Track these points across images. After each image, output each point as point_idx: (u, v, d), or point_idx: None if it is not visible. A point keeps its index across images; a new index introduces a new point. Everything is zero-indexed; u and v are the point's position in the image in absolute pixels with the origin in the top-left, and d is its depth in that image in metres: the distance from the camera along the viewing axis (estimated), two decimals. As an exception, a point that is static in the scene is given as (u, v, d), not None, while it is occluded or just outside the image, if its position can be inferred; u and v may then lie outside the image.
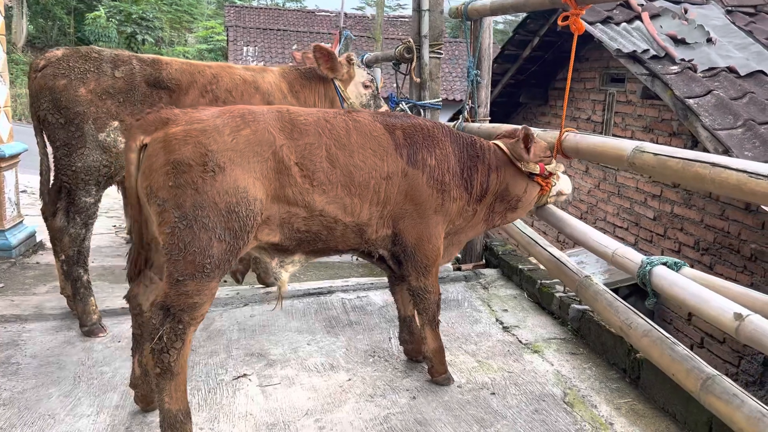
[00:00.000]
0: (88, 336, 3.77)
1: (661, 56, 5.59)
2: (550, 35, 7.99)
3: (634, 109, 6.89)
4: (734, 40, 6.02)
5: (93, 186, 3.71)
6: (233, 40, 27.25)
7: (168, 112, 2.49)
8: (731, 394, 2.19)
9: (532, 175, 3.16)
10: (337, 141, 2.72)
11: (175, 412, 2.45)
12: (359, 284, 4.77)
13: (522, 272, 4.70)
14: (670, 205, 6.20)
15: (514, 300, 4.51)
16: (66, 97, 3.55)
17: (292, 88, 4.50)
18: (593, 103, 7.97)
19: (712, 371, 2.36)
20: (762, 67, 5.46)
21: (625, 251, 2.87)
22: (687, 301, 2.31)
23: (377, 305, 4.38)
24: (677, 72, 5.27)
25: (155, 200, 2.38)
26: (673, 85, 5.08)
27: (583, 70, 8.30)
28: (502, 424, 2.89)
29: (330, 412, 2.94)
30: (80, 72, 3.59)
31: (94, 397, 3.07)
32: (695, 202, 5.83)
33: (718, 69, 5.37)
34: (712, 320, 2.18)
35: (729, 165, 2.09)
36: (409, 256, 2.99)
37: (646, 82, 5.50)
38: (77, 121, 3.58)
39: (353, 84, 4.63)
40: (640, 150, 2.63)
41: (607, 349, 3.51)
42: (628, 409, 3.03)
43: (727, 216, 5.41)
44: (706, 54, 5.64)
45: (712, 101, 4.85)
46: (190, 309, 2.41)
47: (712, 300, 2.20)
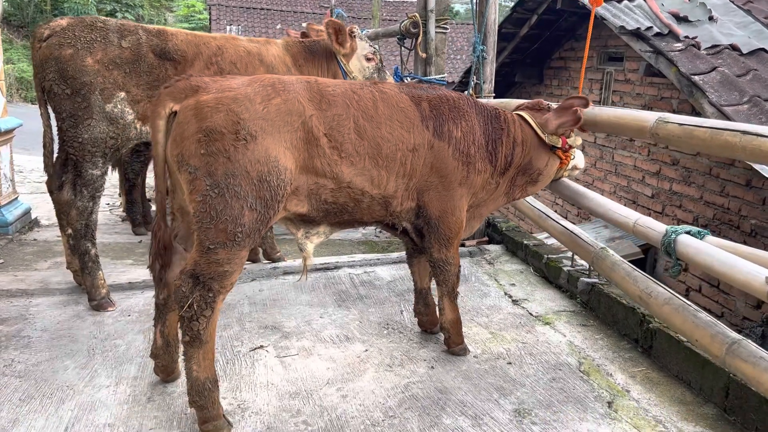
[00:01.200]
0: (97, 310, 3.74)
1: (664, 33, 5.61)
2: (548, 13, 7.97)
3: (633, 87, 6.92)
4: (734, 18, 6.05)
5: (100, 158, 3.66)
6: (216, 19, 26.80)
7: (197, 80, 2.45)
8: (758, 356, 2.24)
9: (554, 148, 3.17)
10: (365, 113, 2.70)
11: (203, 380, 2.44)
12: (365, 260, 4.78)
13: (527, 247, 4.73)
14: (669, 182, 6.26)
15: (520, 274, 4.55)
16: (72, 67, 3.49)
17: (296, 61, 4.47)
18: (590, 82, 7.99)
19: (736, 336, 2.40)
20: (763, 45, 5.50)
21: (647, 221, 2.90)
22: (715, 267, 2.34)
23: (385, 280, 4.39)
24: (681, 49, 5.29)
25: (186, 168, 2.35)
26: (678, 62, 5.10)
27: (579, 49, 8.30)
28: (521, 392, 2.92)
29: (351, 381, 2.96)
30: (87, 42, 3.53)
31: (111, 368, 3.05)
32: (695, 179, 5.89)
33: (722, 46, 5.41)
34: (742, 285, 2.21)
35: (761, 132, 2.11)
36: (433, 228, 2.99)
37: (649, 59, 5.52)
38: (84, 91, 3.51)
39: (355, 57, 4.60)
40: (663, 120, 2.65)
41: (618, 320, 3.55)
42: (642, 377, 3.08)
43: (727, 192, 5.48)
44: (709, 32, 5.68)
45: (717, 78, 4.89)
46: (221, 277, 2.39)
47: (741, 266, 2.23)
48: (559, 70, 8.95)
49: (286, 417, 2.65)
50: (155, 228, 2.58)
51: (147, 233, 6.11)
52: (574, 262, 4.26)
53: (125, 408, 2.71)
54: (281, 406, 2.73)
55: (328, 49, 4.53)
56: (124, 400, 2.78)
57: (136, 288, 4.15)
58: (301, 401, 2.77)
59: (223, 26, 26.43)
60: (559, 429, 2.63)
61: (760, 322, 4.73)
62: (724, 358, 2.37)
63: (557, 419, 2.71)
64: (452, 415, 2.70)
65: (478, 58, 5.03)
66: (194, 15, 37.37)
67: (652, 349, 3.25)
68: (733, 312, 5.27)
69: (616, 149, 7.29)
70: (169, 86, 2.46)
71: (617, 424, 2.68)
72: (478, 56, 5.02)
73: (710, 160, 5.71)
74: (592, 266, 3.43)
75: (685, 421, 2.71)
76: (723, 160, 5.52)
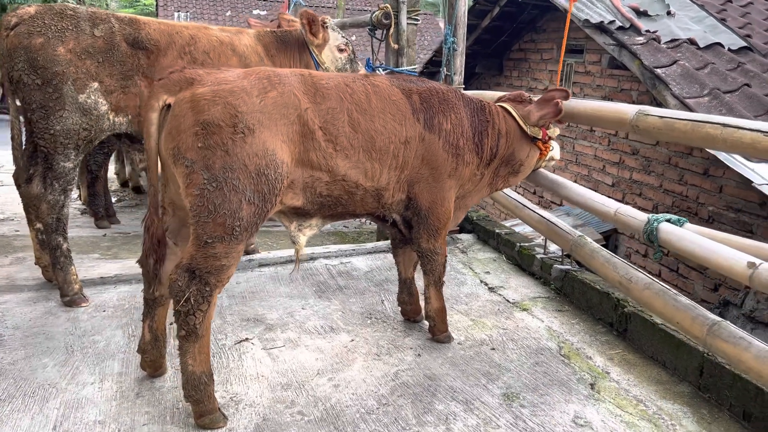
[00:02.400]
0: (70, 306, 3.65)
1: (626, 27, 5.78)
2: (509, 5, 8.09)
3: (593, 79, 7.12)
4: (689, 13, 6.29)
5: (72, 150, 3.55)
6: (163, 6, 26.02)
7: (192, 72, 2.41)
8: (738, 337, 2.37)
9: (535, 140, 3.25)
10: (358, 106, 2.72)
11: (199, 374, 2.42)
12: (341, 250, 4.79)
13: (499, 236, 4.83)
14: (629, 171, 6.48)
15: (493, 263, 4.64)
16: (43, 56, 3.37)
17: (268, 51, 4.42)
18: (551, 74, 8.17)
19: (716, 317, 2.53)
20: (718, 39, 5.74)
21: (627, 210, 3.01)
22: (697, 253, 2.46)
23: (362, 270, 4.41)
24: (643, 43, 5.47)
25: (183, 161, 2.32)
26: (641, 55, 5.28)
27: (540, 41, 8.47)
28: (507, 377, 3.00)
29: (341, 371, 2.98)
30: (58, 30, 3.41)
31: (93, 365, 2.98)
32: (654, 168, 6.12)
33: (680, 40, 5.62)
34: (725, 270, 2.33)
35: (741, 125, 2.22)
36: (423, 219, 3.03)
37: (613, 52, 5.69)
38: (55, 81, 3.40)
39: (327, 48, 4.58)
40: (644, 113, 2.75)
41: (592, 305, 3.68)
42: (620, 359, 3.21)
43: (685, 181, 5.72)
44: (667, 26, 5.88)
45: (678, 71, 5.08)
46: (217, 271, 2.37)
47: (724, 251, 2.35)
48: (519, 62, 9.11)
49: (280, 408, 2.65)
50: (148, 222, 2.54)
51: (110, 226, 5.97)
52: (547, 249, 4.38)
53: (114, 405, 2.66)
54: (274, 397, 2.74)
55: (301, 40, 4.50)
56: (111, 396, 2.72)
57: (108, 283, 4.05)
58: (294, 392, 2.78)
59: (171, 13, 25.65)
60: (547, 411, 2.72)
61: (716, 304, 4.97)
62: (705, 339, 2.50)
63: (544, 402, 2.80)
64: (444, 401, 2.76)
65: (449, 50, 5.08)
66: (139, 1, 36.14)
67: (627, 332, 3.38)
68: (691, 295, 5.52)
69: (577, 139, 7.49)
70: (162, 78, 2.41)
71: (601, 404, 2.79)
72: (449, 48, 5.07)
73: (669, 149, 5.93)
74: (571, 254, 3.53)
75: (663, 400, 2.84)
76: (682, 149, 5.75)
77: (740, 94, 4.78)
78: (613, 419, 2.68)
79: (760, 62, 5.50)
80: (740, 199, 5.09)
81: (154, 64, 3.75)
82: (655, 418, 2.70)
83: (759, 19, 6.79)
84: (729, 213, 5.21)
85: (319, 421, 2.58)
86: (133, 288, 3.94)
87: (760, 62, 5.50)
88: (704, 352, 2.86)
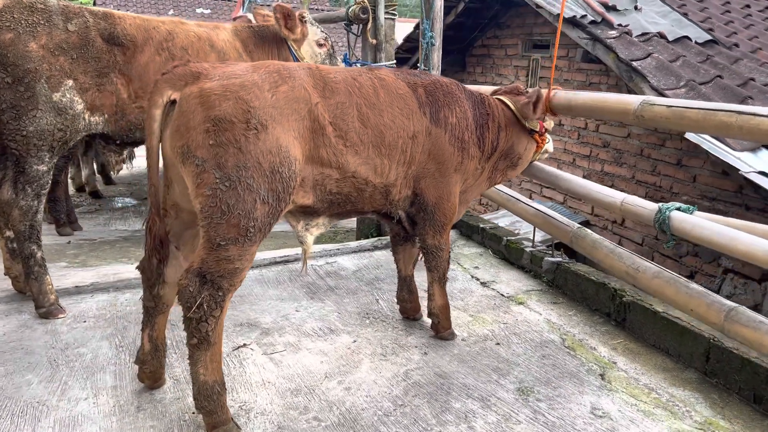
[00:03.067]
0: (46, 318, 3.43)
1: (598, 21, 5.87)
2: (474, 2, 8.12)
3: (560, 74, 7.20)
4: (654, 8, 6.43)
5: (46, 152, 3.33)
6: (102, 4, 25.22)
7: (197, 66, 2.28)
8: (758, 321, 2.39)
9: (532, 132, 3.22)
10: (367, 100, 2.63)
11: (211, 384, 2.28)
12: (325, 250, 4.68)
13: (484, 231, 4.81)
14: (600, 164, 6.58)
15: (481, 257, 4.62)
16: (14, 53, 3.15)
17: (246, 47, 4.29)
18: (516, 69, 8.23)
19: (732, 303, 2.55)
20: (685, 32, 5.88)
21: (635, 200, 3.01)
22: (715, 240, 2.47)
23: (350, 270, 4.32)
24: (616, 36, 5.55)
25: (192, 160, 2.18)
26: (616, 49, 5.36)
27: (504, 36, 8.53)
28: (518, 371, 2.97)
29: (349, 374, 2.88)
30: (29, 25, 3.20)
31: (83, 380, 2.80)
32: (626, 160, 6.23)
33: (651, 34, 5.73)
34: (744, 255, 2.35)
35: (757, 112, 2.24)
36: (429, 215, 2.96)
37: (586, 46, 5.75)
38: (27, 79, 3.18)
39: (306, 43, 4.48)
40: (649, 103, 2.75)
41: (587, 296, 3.69)
42: (623, 349, 3.22)
43: (658, 171, 5.84)
44: (637, 20, 6.00)
45: (653, 63, 5.17)
46: (230, 275, 2.24)
47: (742, 237, 2.37)
48: (483, 58, 9.15)
49: (294, 415, 2.54)
50: (150, 223, 2.38)
51: (73, 233, 5.69)
52: (535, 242, 4.38)
53: (114, 420, 2.49)
54: (286, 404, 2.62)
55: (278, 35, 4.38)
56: (109, 411, 2.55)
57: (84, 292, 3.83)
58: (305, 398, 2.67)
59: (110, 12, 24.83)
60: (564, 404, 2.69)
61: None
62: (723, 325, 2.52)
63: (559, 395, 2.77)
64: (460, 399, 2.70)
65: (427, 45, 5.03)
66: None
67: (626, 322, 3.40)
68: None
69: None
70: (166, 73, 2.27)
71: (615, 394, 2.78)
72: (427, 43, 5.03)
73: (641, 141, 6.05)
74: (571, 245, 3.53)
75: (673, 387, 2.85)
76: (654, 141, 5.86)
77: (713, 85, 4.91)
78: (630, 409, 2.67)
79: (727, 54, 5.66)
80: (715, 188, 5.22)
81: (131, 61, 3.56)
82: (670, 405, 2.70)
83: (717, 13, 7.01)
84: (704, 202, 5.34)
85: (337, 426, 2.48)
86: (112, 297, 3.74)
87: (726, 54, 5.66)
88: (710, 337, 2.89)
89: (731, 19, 6.99)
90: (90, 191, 7.47)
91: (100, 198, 7.44)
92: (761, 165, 3.93)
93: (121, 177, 8.41)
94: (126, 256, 5.01)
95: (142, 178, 8.51)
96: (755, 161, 3.97)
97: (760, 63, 5.59)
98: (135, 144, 3.86)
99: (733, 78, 5.07)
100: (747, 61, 5.55)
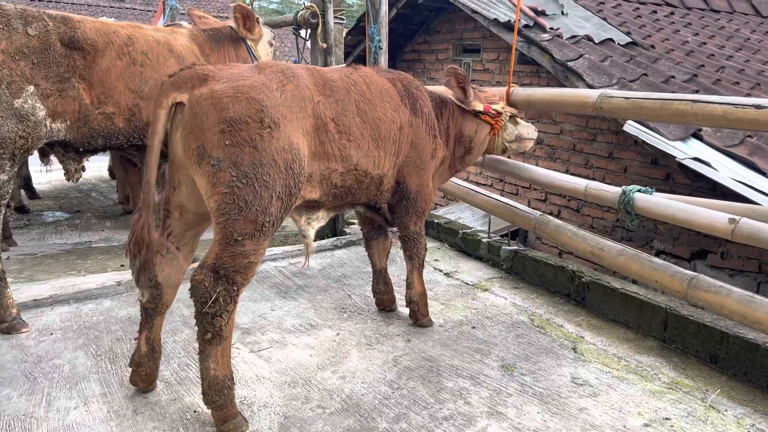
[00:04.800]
0: (8, 333, 3.29)
1: (531, 25, 6.21)
2: (404, 8, 8.34)
3: (492, 76, 7.53)
4: (577, 13, 6.87)
5: (8, 161, 3.21)
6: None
7: (203, 68, 2.31)
8: (718, 286, 2.66)
9: (477, 114, 3.38)
10: (363, 96, 2.76)
11: (222, 379, 2.30)
12: (286, 252, 4.71)
13: (439, 225, 4.99)
14: (535, 160, 6.93)
15: (438, 251, 4.79)
16: None
17: (203, 50, 4.30)
18: (448, 73, 8.51)
19: (692, 273, 2.83)
20: (609, 35, 6.32)
21: (598, 185, 3.27)
22: (677, 216, 2.74)
23: (316, 269, 4.37)
24: (549, 39, 5.90)
25: (208, 160, 2.21)
26: (551, 50, 5.69)
27: (434, 42, 8.80)
28: (498, 350, 3.14)
29: (341, 364, 2.95)
30: None
31: (66, 390, 2.72)
32: (560, 155, 6.60)
33: (579, 37, 6.12)
34: (706, 228, 2.61)
35: (711, 100, 2.51)
36: (411, 203, 3.10)
37: (522, 48, 6.07)
38: None
39: (262, 43, 4.55)
40: (607, 96, 3.01)
41: (546, 280, 3.93)
42: (587, 325, 3.46)
43: (591, 165, 6.23)
44: (565, 24, 6.38)
45: (586, 63, 5.54)
46: (245, 269, 2.27)
47: (703, 212, 2.64)
48: (413, 62, 9.40)
49: (297, 405, 2.59)
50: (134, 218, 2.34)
51: (9, 249, 5.40)
52: (491, 233, 4.60)
53: (113, 425, 2.45)
54: (286, 395, 2.66)
55: (233, 36, 4.41)
56: (105, 417, 2.50)
57: (44, 305, 3.68)
58: (303, 388, 2.72)
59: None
60: (546, 376, 2.88)
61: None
62: (686, 292, 2.78)
63: (540, 368, 2.96)
64: (451, 379, 2.83)
65: (375, 48, 5.17)
66: None
67: (586, 300, 3.65)
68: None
69: (479, 134, 7.87)
70: (173, 76, 2.29)
71: (590, 365, 3.00)
72: (375, 46, 5.16)
73: (573, 137, 6.44)
74: (535, 232, 3.75)
75: (638, 354, 3.11)
76: (585, 136, 6.27)
77: (641, 82, 5.32)
78: (605, 376, 2.90)
79: (647, 55, 6.13)
80: (645, 177, 5.65)
81: (91, 66, 3.49)
82: (639, 370, 2.95)
83: (630, 18, 7.56)
84: (632, 191, 5.77)
85: (342, 411, 2.55)
86: (74, 308, 3.63)
87: (646, 55, 6.13)
88: (667, 308, 3.17)
89: (643, 23, 7.56)
90: (15, 207, 7.08)
91: (26, 213, 7.07)
92: (692, 152, 4.33)
93: (44, 191, 8.04)
94: (75, 269, 4.83)
95: (68, 191, 8.17)
96: (686, 149, 4.37)
97: (676, 62, 6.10)
98: (95, 152, 3.78)
99: (656, 76, 5.52)
100: (664, 61, 6.05)
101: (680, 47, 6.88)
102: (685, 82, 5.52)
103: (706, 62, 6.49)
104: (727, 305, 2.60)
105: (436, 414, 2.55)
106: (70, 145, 3.57)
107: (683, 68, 5.93)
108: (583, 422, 2.52)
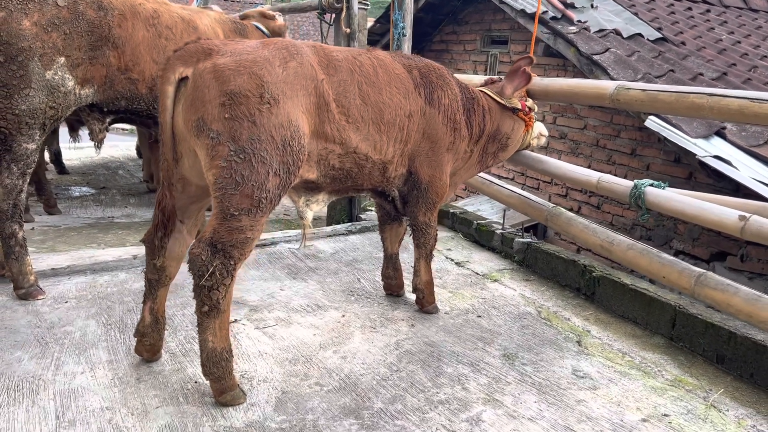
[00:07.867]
0: (25, 299, 3.39)
1: (559, 17, 6.14)
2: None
3: (518, 68, 7.45)
4: (608, 7, 6.77)
5: (38, 130, 3.32)
6: None
7: (209, 43, 2.34)
8: (725, 284, 2.62)
9: (515, 111, 3.38)
10: (367, 78, 2.74)
11: (220, 351, 2.35)
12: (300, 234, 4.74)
13: (454, 215, 4.99)
14: (558, 154, 6.86)
15: (452, 240, 4.78)
16: (7, 31, 3.12)
17: (227, 36, 4.38)
18: (474, 64, 8.46)
19: (700, 270, 2.78)
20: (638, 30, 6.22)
21: (610, 178, 3.23)
22: (687, 211, 2.69)
23: (328, 252, 4.41)
24: (576, 32, 5.83)
25: (207, 133, 2.23)
26: (576, 43, 5.62)
27: (462, 32, 8.75)
28: (501, 339, 3.13)
29: (343, 344, 2.98)
30: (19, 2, 3.16)
31: (75, 355, 2.80)
32: (582, 151, 6.53)
33: (607, 31, 6.03)
34: (716, 225, 2.57)
35: (727, 94, 2.46)
36: (422, 193, 3.10)
37: (548, 41, 6.01)
38: (21, 58, 3.16)
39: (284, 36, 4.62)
40: (624, 87, 2.97)
41: (557, 273, 3.90)
42: (594, 319, 3.43)
43: (614, 161, 6.16)
44: (594, 17, 6.30)
45: (612, 57, 5.46)
46: (242, 244, 2.30)
47: (713, 208, 2.59)
48: (441, 53, 9.36)
49: (296, 381, 2.62)
50: (159, 197, 2.42)
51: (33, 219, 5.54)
52: (505, 225, 4.57)
53: (116, 391, 2.52)
54: (286, 372, 2.70)
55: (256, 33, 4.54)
56: (109, 383, 2.57)
57: (61, 274, 3.79)
58: (303, 366, 2.76)
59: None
60: (548, 367, 2.88)
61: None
62: (694, 289, 2.75)
63: (541, 359, 2.95)
64: (451, 365, 2.84)
65: (399, 35, 5.17)
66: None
67: (595, 295, 3.62)
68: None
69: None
70: (179, 50, 2.32)
71: (593, 358, 2.98)
72: (399, 33, 5.16)
73: (596, 132, 6.36)
74: (547, 224, 3.73)
75: (644, 351, 3.08)
76: (609, 132, 6.19)
77: (667, 78, 5.23)
78: (607, 370, 2.88)
79: (676, 51, 6.02)
80: (667, 175, 5.56)
81: (122, 34, 3.60)
82: (643, 366, 2.92)
83: (663, 14, 7.42)
84: (654, 189, 5.67)
85: (339, 390, 2.58)
86: (90, 279, 3.72)
87: (675, 51, 6.02)
88: (676, 305, 3.13)
89: (676, 20, 7.41)
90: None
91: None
92: (714, 150, 4.25)
93: (74, 167, 8.21)
94: (95, 242, 4.94)
95: (96, 168, 8.34)
96: (709, 147, 4.28)
97: (706, 60, 5.98)
98: (117, 113, 3.90)
99: (683, 72, 5.41)
100: (694, 58, 5.93)
101: (712, 45, 6.73)
102: (714, 80, 5.40)
103: (739, 61, 6.34)
104: (733, 304, 2.55)
105: (432, 397, 2.56)
106: (95, 106, 3.71)
107: (713, 66, 5.80)
108: (579, 413, 2.51)
